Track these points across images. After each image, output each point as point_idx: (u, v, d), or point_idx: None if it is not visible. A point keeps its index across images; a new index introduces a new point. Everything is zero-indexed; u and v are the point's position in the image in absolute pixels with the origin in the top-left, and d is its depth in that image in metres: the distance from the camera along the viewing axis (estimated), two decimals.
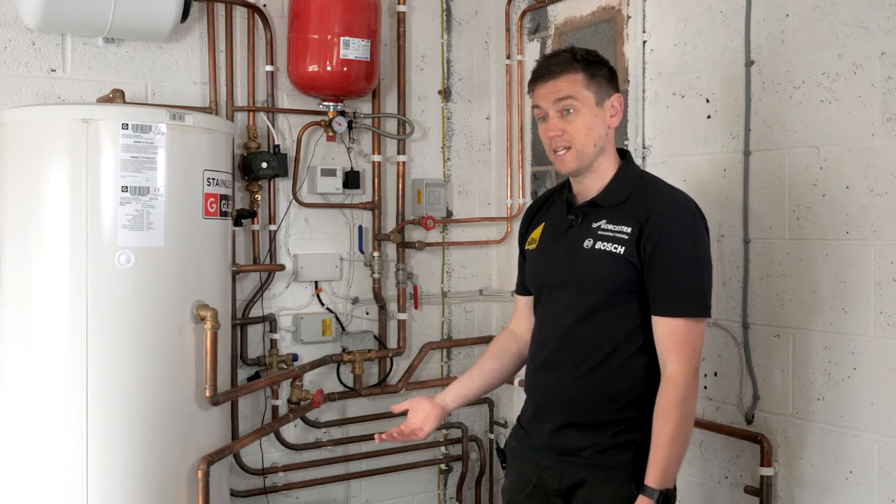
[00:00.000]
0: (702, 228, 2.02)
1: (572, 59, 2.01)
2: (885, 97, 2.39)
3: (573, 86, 1.99)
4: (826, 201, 2.55)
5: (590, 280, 1.99)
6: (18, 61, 2.91)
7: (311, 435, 3.49)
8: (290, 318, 3.44)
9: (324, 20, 3.21)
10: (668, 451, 1.86)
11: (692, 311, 1.91)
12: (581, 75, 1.99)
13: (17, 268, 2.59)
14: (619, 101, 2.04)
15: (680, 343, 1.90)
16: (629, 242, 1.94)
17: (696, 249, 1.96)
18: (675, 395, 1.88)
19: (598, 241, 1.97)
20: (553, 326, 2.07)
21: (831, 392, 2.55)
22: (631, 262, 1.93)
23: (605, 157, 2.04)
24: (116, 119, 2.53)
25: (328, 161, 3.48)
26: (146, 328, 2.59)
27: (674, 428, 1.86)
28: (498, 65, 3.87)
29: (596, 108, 2.00)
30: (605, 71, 2.03)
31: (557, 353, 2.05)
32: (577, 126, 1.99)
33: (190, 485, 2.67)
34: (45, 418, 2.54)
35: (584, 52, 2.03)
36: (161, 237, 2.58)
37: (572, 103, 1.99)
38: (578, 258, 2.01)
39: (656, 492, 1.86)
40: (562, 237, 2.07)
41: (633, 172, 2.08)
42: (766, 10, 2.71)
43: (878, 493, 2.45)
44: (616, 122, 2.04)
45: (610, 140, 2.07)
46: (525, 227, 2.24)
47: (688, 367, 1.89)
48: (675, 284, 1.91)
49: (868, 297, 2.45)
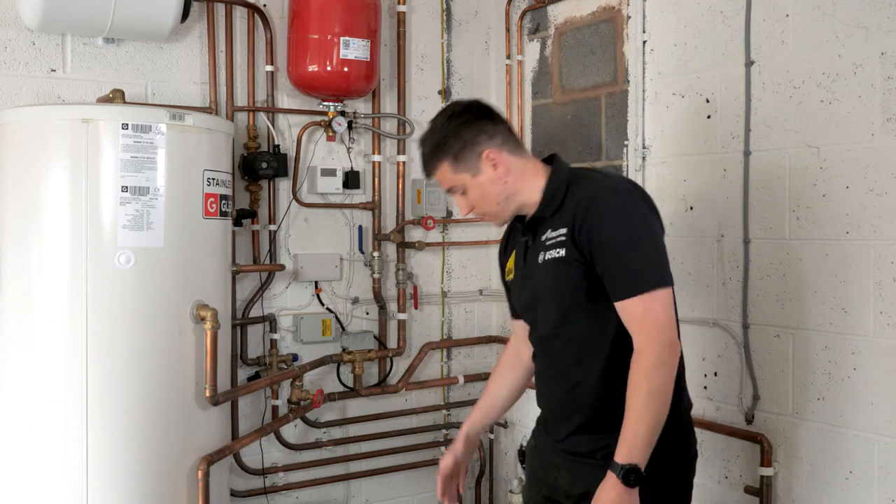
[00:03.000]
0: (633, 202, 1.96)
1: (432, 155, 2.02)
2: (885, 97, 2.39)
3: (445, 177, 2.02)
4: (826, 201, 2.55)
5: (549, 292, 2.01)
6: (18, 61, 2.91)
7: (311, 435, 3.49)
8: (290, 318, 3.44)
9: (324, 20, 3.21)
10: (635, 426, 1.83)
11: (643, 287, 1.87)
12: (446, 164, 2.01)
13: (16, 268, 2.59)
14: (493, 152, 1.99)
15: (640, 321, 1.87)
16: (567, 242, 1.94)
17: (628, 225, 1.91)
18: (641, 370, 1.85)
19: (546, 252, 1.99)
20: (541, 345, 2.11)
21: (831, 392, 2.55)
22: (576, 261, 1.93)
23: (522, 190, 2.03)
24: (116, 119, 2.53)
25: (328, 161, 3.48)
26: (146, 328, 2.59)
27: (640, 403, 1.83)
28: (498, 65, 3.87)
29: (475, 179, 2.00)
30: (465, 135, 1.99)
31: (551, 368, 2.08)
32: (474, 199, 2.04)
33: (190, 485, 2.67)
34: (45, 418, 2.54)
35: (436, 139, 2.01)
36: (161, 237, 2.58)
37: (457, 189, 2.03)
38: (537, 274, 2.03)
39: (620, 467, 1.82)
40: (523, 260, 2.10)
41: (560, 177, 2.03)
42: (766, 10, 2.71)
43: (878, 493, 2.45)
44: (503, 169, 2.00)
45: (513, 180, 2.02)
46: (502, 255, 2.26)
47: (652, 343, 1.85)
48: (619, 266, 1.89)
49: (868, 297, 2.45)
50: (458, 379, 3.77)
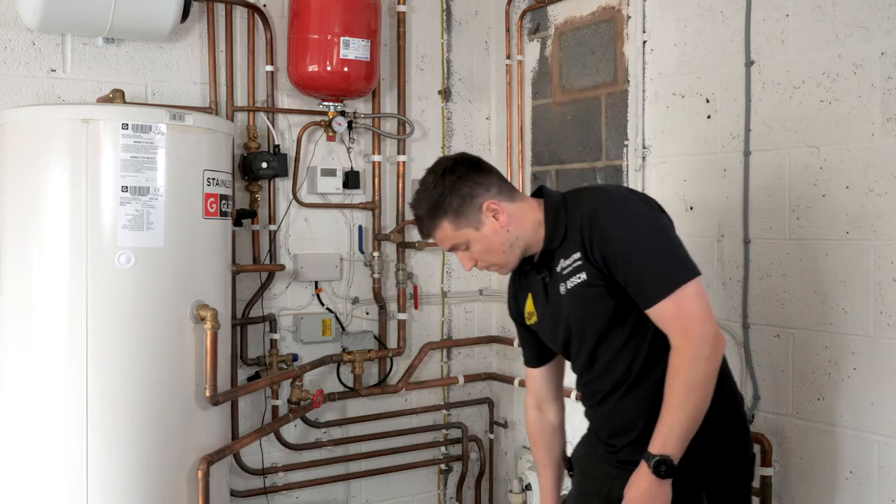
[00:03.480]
0: (633, 205, 1.94)
1: (429, 216, 1.98)
2: (885, 97, 2.39)
3: (447, 235, 1.99)
4: (826, 201, 2.55)
5: (582, 319, 1.98)
6: (18, 61, 2.91)
7: (311, 435, 3.49)
8: (290, 318, 3.44)
9: (324, 20, 3.21)
10: (670, 419, 1.80)
11: (668, 288, 1.83)
12: (446, 223, 1.98)
13: (16, 268, 2.59)
14: (492, 203, 1.97)
15: (675, 320, 1.83)
16: (585, 265, 1.92)
17: (637, 229, 1.88)
18: (679, 365, 1.81)
19: (567, 281, 1.96)
20: (586, 372, 2.07)
21: (831, 392, 2.55)
22: (598, 280, 1.91)
23: (524, 234, 2.01)
24: (116, 119, 2.53)
25: (328, 161, 3.48)
26: (146, 328, 2.59)
27: (678, 397, 1.80)
28: (498, 65, 3.87)
29: (478, 232, 1.98)
30: (462, 190, 1.96)
31: (598, 391, 2.05)
32: (478, 252, 2.01)
33: (190, 485, 2.67)
34: (46, 418, 2.54)
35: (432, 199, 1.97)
36: (161, 237, 2.58)
37: (460, 245, 2.01)
38: (563, 306, 2.00)
39: (652, 457, 1.81)
40: (545, 297, 2.06)
41: (555, 205, 2.01)
42: (766, 10, 2.71)
43: (878, 493, 2.45)
44: (504, 218, 1.97)
45: (515, 225, 2.00)
46: (514, 303, 2.20)
47: (691, 337, 1.81)
48: (639, 274, 1.86)
49: (868, 297, 2.45)
50: (458, 379, 3.77)
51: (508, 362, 3.85)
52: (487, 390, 3.92)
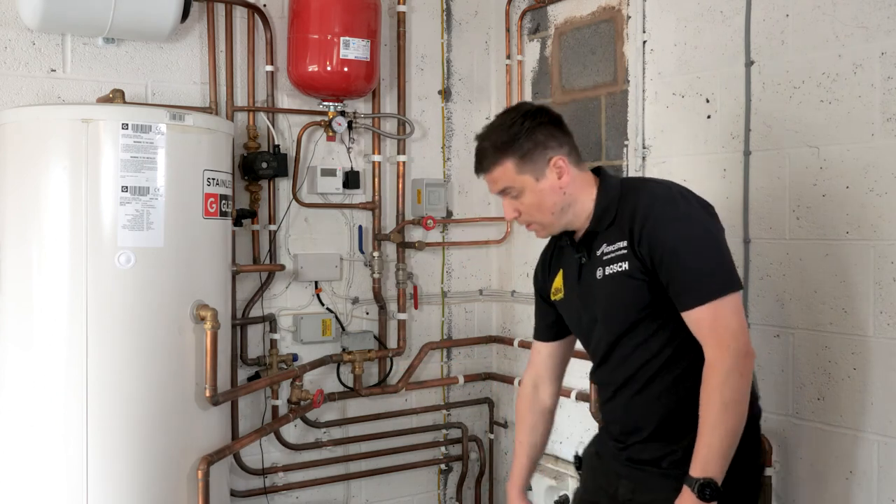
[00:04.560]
0: (691, 207, 1.93)
1: (496, 149, 1.95)
2: (885, 97, 2.39)
3: (506, 176, 1.96)
4: (826, 201, 2.55)
5: (613, 307, 1.95)
6: (18, 61, 2.91)
7: (311, 435, 3.49)
8: (290, 318, 3.44)
9: (324, 20, 3.21)
10: (709, 439, 1.78)
11: (711, 295, 1.81)
12: (510, 163, 1.94)
13: (16, 268, 2.59)
14: (562, 160, 1.96)
15: (711, 329, 1.81)
16: (629, 255, 1.90)
17: (690, 232, 1.86)
18: (714, 381, 1.79)
19: (606, 267, 1.94)
20: (603, 363, 2.05)
21: (831, 392, 2.55)
22: (640, 272, 1.89)
23: (576, 203, 2.00)
24: (116, 119, 2.53)
25: (328, 161, 3.48)
26: (146, 328, 2.59)
27: (715, 415, 1.77)
28: (498, 65, 3.87)
29: (538, 183, 1.95)
30: (538, 137, 1.95)
31: (613, 384, 2.03)
32: (528, 205, 1.98)
33: (190, 485, 2.67)
34: (46, 418, 2.54)
35: (506, 135, 1.95)
36: (161, 237, 2.58)
37: (513, 191, 1.97)
38: (596, 291, 1.98)
39: (695, 481, 1.78)
40: (578, 277, 2.04)
41: (611, 188, 2.00)
42: (766, 10, 2.70)
43: (878, 493, 2.45)
44: (567, 179, 1.96)
45: (572, 191, 1.99)
46: (543, 276, 2.19)
47: (725, 351, 1.79)
48: (683, 276, 1.84)
49: (868, 297, 2.45)
50: (458, 379, 3.77)
51: (508, 362, 3.85)
52: (487, 390, 3.92)
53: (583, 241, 2.02)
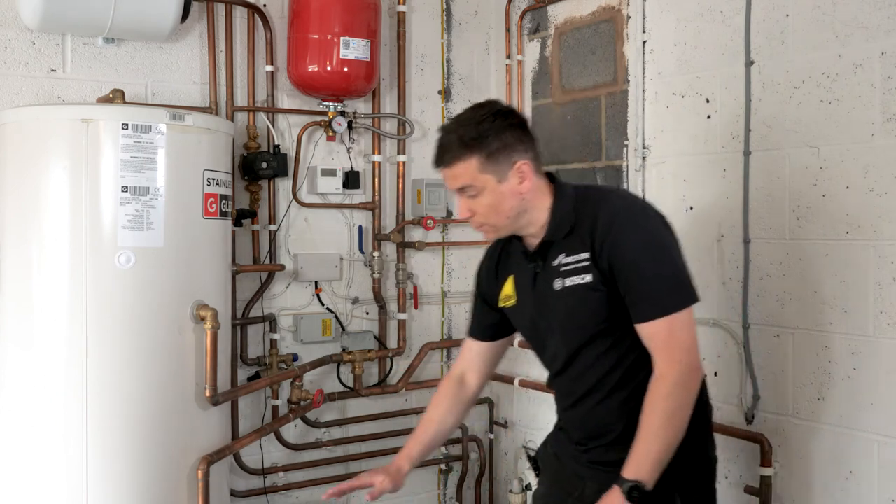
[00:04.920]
0: (650, 220, 1.93)
1: (462, 144, 1.88)
2: (885, 97, 2.39)
3: (468, 172, 1.89)
4: (826, 201, 2.55)
5: (572, 318, 1.95)
6: (18, 61, 2.91)
7: (311, 435, 3.49)
8: (290, 318, 3.44)
9: (324, 20, 3.21)
10: (647, 446, 1.81)
11: (667, 309, 1.84)
12: (474, 160, 1.88)
13: (16, 268, 2.59)
14: (526, 165, 1.91)
15: (664, 343, 1.84)
16: (591, 267, 1.89)
17: (651, 245, 1.87)
18: (660, 392, 1.83)
19: (566, 279, 1.93)
20: (562, 373, 2.04)
21: (831, 392, 2.55)
22: (601, 285, 1.89)
23: (533, 209, 1.95)
24: (116, 119, 2.53)
25: (328, 161, 3.48)
26: (146, 328, 2.59)
27: (656, 424, 1.81)
28: (498, 65, 3.87)
29: (499, 185, 1.90)
30: (506, 138, 1.90)
31: (573, 394, 2.02)
32: (484, 206, 1.92)
33: (190, 485, 2.67)
34: (45, 418, 2.54)
35: (474, 131, 1.88)
36: (161, 237, 2.58)
37: (472, 190, 1.91)
38: (554, 302, 1.96)
39: (626, 482, 1.80)
40: (532, 286, 2.01)
41: (567, 197, 1.97)
42: (766, 10, 2.70)
43: (878, 493, 2.45)
44: (528, 185, 1.91)
45: (531, 197, 1.94)
46: (489, 281, 2.14)
47: (676, 366, 1.83)
48: (641, 288, 1.85)
49: (868, 297, 2.45)
50: None
51: (508, 362, 3.85)
52: (487, 390, 3.92)
53: (537, 251, 1.99)
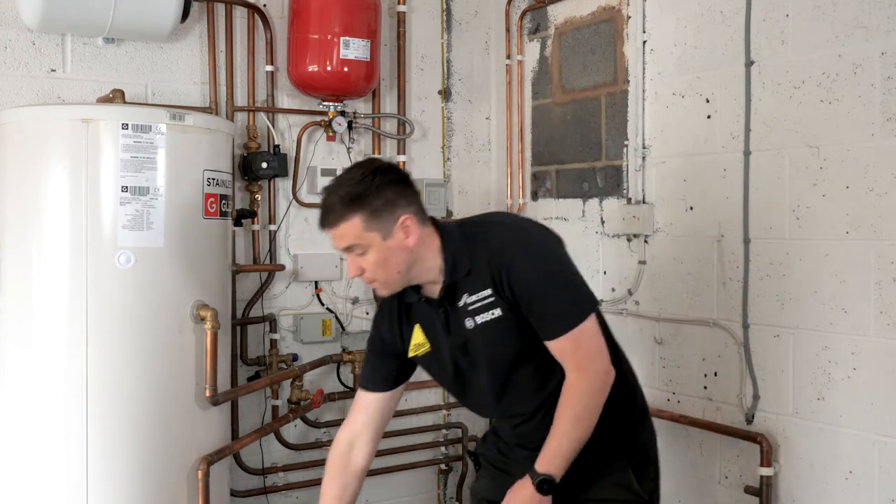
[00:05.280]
0: (539, 240, 1.98)
1: (344, 204, 1.87)
2: (885, 97, 2.39)
3: (352, 232, 1.88)
4: (826, 201, 2.55)
5: (496, 352, 1.98)
6: (18, 61, 2.91)
7: (311, 435, 3.49)
8: (290, 318, 3.44)
9: (324, 20, 3.21)
10: (558, 443, 1.90)
11: (569, 325, 1.90)
12: (358, 219, 1.87)
13: (16, 268, 2.59)
14: (410, 219, 1.90)
15: (573, 354, 1.91)
16: (497, 301, 1.92)
17: (544, 264, 1.92)
18: (572, 396, 1.91)
19: (476, 317, 1.95)
20: (497, 402, 2.06)
21: (831, 392, 2.55)
22: (511, 314, 1.93)
23: (423, 260, 1.95)
24: (116, 119, 2.53)
25: (328, 161, 3.48)
26: (146, 328, 2.59)
27: (567, 425, 1.90)
28: (498, 65, 3.87)
29: (385, 242, 1.89)
30: (388, 194, 1.89)
31: (519, 415, 2.06)
32: (372, 263, 1.91)
33: (190, 485, 2.67)
34: (45, 418, 2.54)
35: (355, 190, 1.87)
36: (161, 237, 2.58)
37: (358, 248, 1.90)
38: (471, 340, 1.98)
39: (538, 475, 1.90)
40: (446, 330, 2.02)
41: (452, 238, 1.97)
42: (766, 10, 2.71)
43: (878, 493, 2.45)
44: (413, 239, 1.91)
45: (418, 249, 1.93)
46: (392, 334, 2.10)
47: (585, 373, 1.91)
48: (543, 310, 1.90)
49: (868, 297, 2.45)
50: None
51: None
52: None
53: (441, 297, 1.99)
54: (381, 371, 2.15)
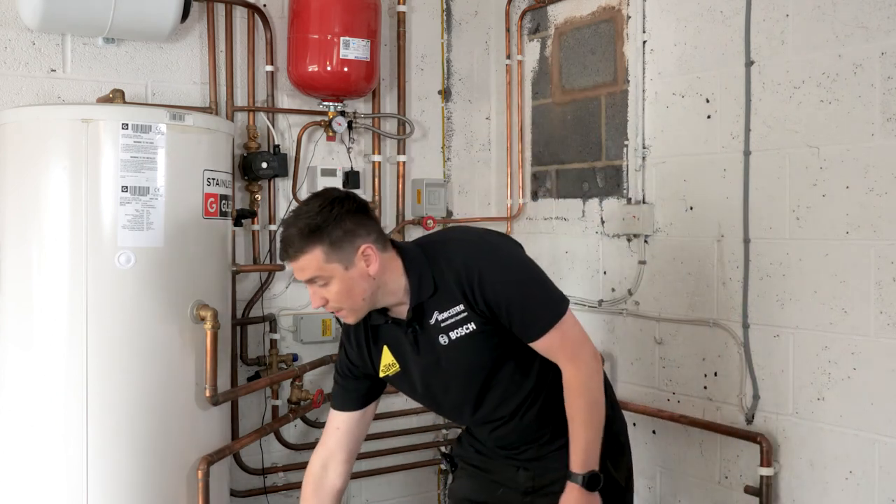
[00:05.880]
0: (501, 249, 2.01)
1: (303, 237, 1.87)
2: (885, 97, 2.39)
3: (313, 264, 1.88)
4: (826, 201, 2.55)
5: (471, 364, 2.01)
6: (18, 61, 2.91)
7: (311, 435, 3.49)
8: (290, 318, 3.44)
9: (324, 20, 3.21)
10: (585, 437, 1.95)
11: (551, 322, 1.95)
12: (318, 251, 1.87)
13: (16, 268, 2.59)
14: (370, 248, 1.90)
15: (561, 348, 1.97)
16: (471, 316, 1.95)
17: (512, 273, 1.96)
18: (576, 389, 1.97)
19: (449, 333, 1.97)
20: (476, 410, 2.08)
21: (831, 392, 2.55)
22: (486, 327, 1.96)
23: (386, 283, 1.95)
24: (116, 119, 2.53)
25: (328, 161, 3.48)
26: (146, 328, 2.59)
27: (584, 416, 1.95)
28: (498, 65, 3.87)
29: (347, 272, 1.89)
30: (347, 225, 1.89)
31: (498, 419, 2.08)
32: (335, 293, 1.92)
33: (190, 485, 2.67)
34: (45, 418, 2.54)
35: (314, 222, 1.87)
36: (161, 237, 2.58)
37: (320, 280, 1.91)
38: (445, 356, 2.00)
39: (581, 476, 1.93)
40: (415, 349, 2.03)
41: (414, 259, 1.98)
42: (766, 10, 2.71)
43: (878, 493, 2.45)
44: (375, 266, 1.91)
45: (381, 275, 1.94)
46: (361, 357, 2.11)
47: (578, 362, 1.97)
48: (524, 315, 1.94)
49: (868, 297, 2.45)
50: None
51: None
52: None
53: (410, 318, 2.00)
54: (351, 392, 2.17)
